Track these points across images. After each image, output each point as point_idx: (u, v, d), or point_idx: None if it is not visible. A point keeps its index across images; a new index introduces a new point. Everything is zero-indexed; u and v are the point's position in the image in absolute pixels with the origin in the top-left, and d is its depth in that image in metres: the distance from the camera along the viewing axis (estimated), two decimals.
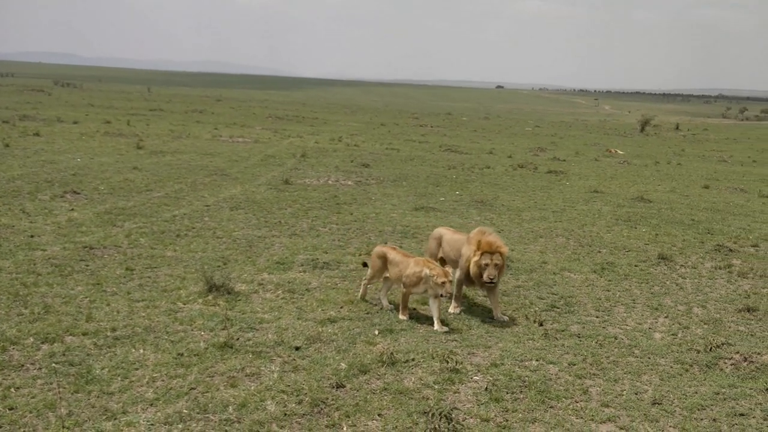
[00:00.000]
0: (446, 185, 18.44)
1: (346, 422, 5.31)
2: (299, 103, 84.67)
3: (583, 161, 28.47)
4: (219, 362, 6.29)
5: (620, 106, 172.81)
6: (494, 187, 18.70)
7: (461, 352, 6.85)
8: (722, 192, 20.49)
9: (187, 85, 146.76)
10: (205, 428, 5.13)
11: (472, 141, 36.68)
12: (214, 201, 14.18)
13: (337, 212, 13.72)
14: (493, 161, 25.55)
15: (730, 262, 11.12)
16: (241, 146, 25.79)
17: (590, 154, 32.06)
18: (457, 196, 16.73)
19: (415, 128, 45.48)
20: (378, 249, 8.33)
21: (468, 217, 14.03)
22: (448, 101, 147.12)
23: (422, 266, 7.68)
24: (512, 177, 21.18)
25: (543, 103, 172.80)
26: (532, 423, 5.45)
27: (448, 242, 8.73)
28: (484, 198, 16.28)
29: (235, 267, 9.45)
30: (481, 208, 15.06)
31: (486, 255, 7.79)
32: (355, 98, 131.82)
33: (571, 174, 22.93)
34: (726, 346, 7.22)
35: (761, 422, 5.64)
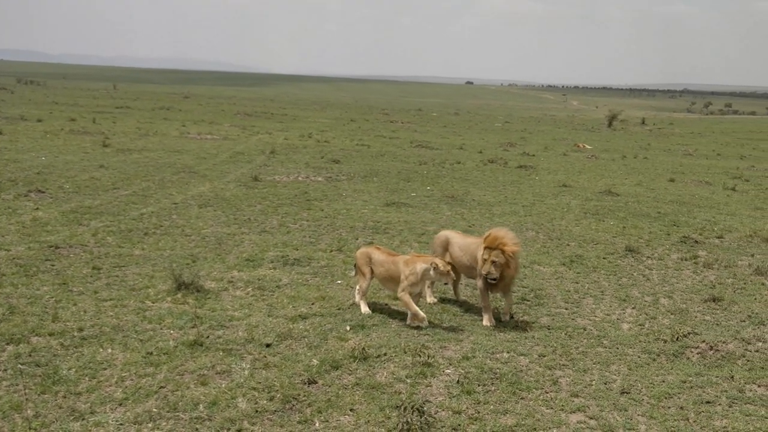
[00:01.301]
0: (417, 181, 18.47)
1: (319, 418, 5.30)
2: (268, 99, 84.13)
3: (552, 156, 28.73)
4: (189, 360, 6.23)
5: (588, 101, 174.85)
6: (465, 182, 18.79)
7: (433, 345, 6.87)
8: (688, 185, 20.84)
9: (153, 82, 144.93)
10: (176, 427, 5.08)
11: (443, 136, 36.79)
12: (183, 199, 14.02)
13: (307, 209, 13.67)
14: (463, 157, 25.66)
15: (696, 253, 11.32)
16: (210, 143, 25.55)
17: (559, 149, 32.36)
18: (428, 191, 16.77)
19: (386, 124, 45.48)
20: (361, 250, 8.06)
21: (439, 212, 14.08)
22: (418, 97, 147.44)
23: (415, 262, 7.38)
24: (483, 172, 21.30)
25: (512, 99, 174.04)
26: (503, 414, 5.49)
27: (460, 247, 8.23)
28: (455, 193, 16.35)
29: (204, 265, 9.36)
30: (452, 204, 15.12)
31: (486, 250, 7.53)
32: (325, 94, 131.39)
33: (540, 169, 23.13)
34: (692, 335, 7.35)
35: (727, 409, 5.75)
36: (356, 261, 8.00)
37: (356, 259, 8.02)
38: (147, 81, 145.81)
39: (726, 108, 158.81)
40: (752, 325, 7.90)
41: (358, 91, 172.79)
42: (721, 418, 5.58)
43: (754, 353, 6.98)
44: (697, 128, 64.94)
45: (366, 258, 7.85)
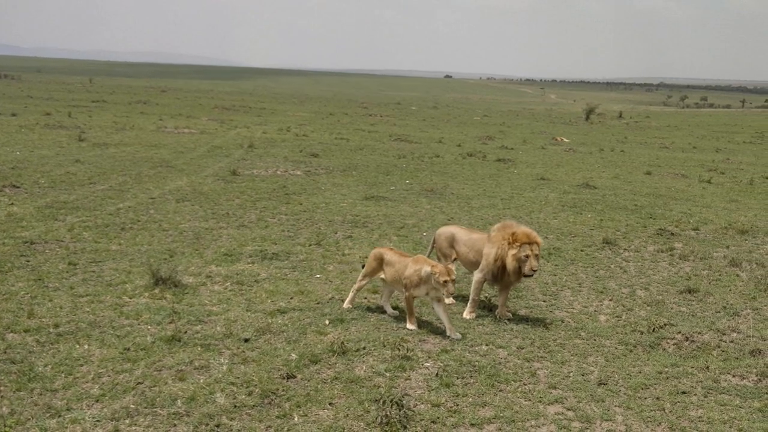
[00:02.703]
0: (396, 174, 18.47)
1: (297, 412, 5.29)
2: (246, 93, 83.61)
3: (531, 149, 28.88)
4: (167, 356, 6.18)
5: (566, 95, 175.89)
6: (444, 175, 18.82)
7: (412, 339, 6.88)
8: (664, 178, 21.05)
9: (130, 75, 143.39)
10: (153, 423, 5.04)
11: (422, 130, 36.81)
12: (160, 193, 13.90)
13: (286, 203, 13.61)
14: (442, 150, 25.70)
15: (672, 245, 11.44)
16: (187, 137, 25.33)
17: (537, 143, 32.54)
18: (408, 185, 16.78)
19: (365, 118, 45.41)
20: (374, 251, 7.81)
21: (418, 205, 14.09)
22: (397, 90, 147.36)
23: (422, 265, 7.17)
24: (462, 165, 21.35)
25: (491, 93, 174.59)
26: (482, 407, 5.52)
27: (465, 243, 8.21)
28: (434, 186, 16.37)
29: (182, 260, 9.29)
30: (431, 197, 15.14)
31: (525, 246, 7.49)
32: (304, 88, 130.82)
33: (518, 162, 23.24)
34: (668, 326, 7.43)
35: (702, 399, 5.83)
36: (369, 260, 7.75)
37: (370, 257, 7.78)
38: (123, 75, 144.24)
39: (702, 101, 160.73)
40: (727, 316, 8.01)
41: (336, 84, 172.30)
42: (696, 408, 5.65)
43: (728, 344, 7.08)
44: (673, 121, 65.65)
45: (379, 258, 7.60)
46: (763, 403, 5.74)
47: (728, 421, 5.44)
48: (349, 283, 8.59)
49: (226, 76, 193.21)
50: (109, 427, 4.95)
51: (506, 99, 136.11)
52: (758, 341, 7.11)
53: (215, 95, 68.93)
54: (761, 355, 6.76)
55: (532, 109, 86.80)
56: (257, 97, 71.98)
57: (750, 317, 7.97)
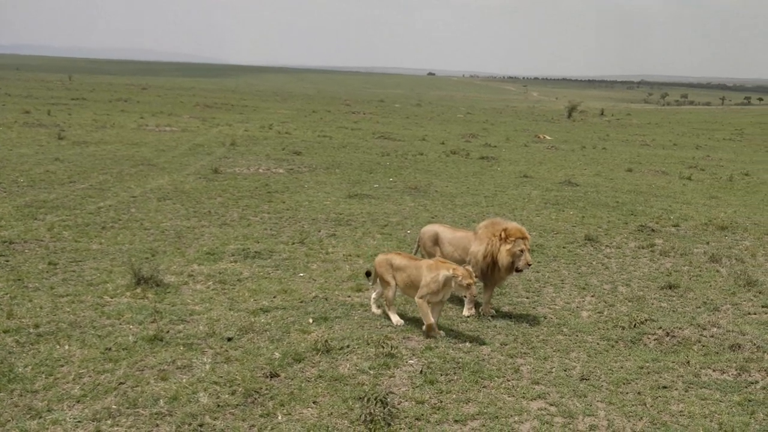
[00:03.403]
0: (380, 172, 18.47)
1: (281, 411, 5.27)
2: (228, 90, 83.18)
3: (514, 147, 28.99)
4: (149, 356, 6.14)
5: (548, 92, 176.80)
6: (427, 173, 18.84)
7: (396, 337, 6.89)
8: (645, 175, 21.22)
9: (110, 72, 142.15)
10: (136, 423, 5.00)
11: (405, 128, 36.83)
12: (141, 192, 13.79)
13: (268, 201, 13.56)
14: (426, 148, 25.72)
15: (653, 241, 11.54)
16: (169, 135, 25.15)
17: (520, 140, 32.67)
18: (391, 182, 16.78)
19: (348, 115, 45.35)
20: (380, 257, 7.54)
21: (402, 203, 14.10)
22: (380, 88, 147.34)
23: (439, 268, 6.96)
24: (445, 163, 21.39)
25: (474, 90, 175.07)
26: (465, 403, 5.53)
27: (449, 242, 8.18)
28: (418, 184, 16.39)
29: (163, 259, 9.22)
30: (414, 195, 15.15)
31: (519, 241, 7.55)
32: (286, 85, 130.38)
33: (502, 160, 23.33)
34: (649, 322, 7.49)
35: (683, 393, 5.89)
36: (376, 269, 7.48)
37: (375, 267, 7.50)
38: (103, 72, 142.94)
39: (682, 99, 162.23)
40: (707, 311, 8.09)
41: (319, 82, 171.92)
42: (677, 403, 5.71)
43: (709, 338, 7.16)
44: (654, 119, 66.20)
45: (387, 265, 7.35)
46: (742, 397, 5.81)
47: (708, 415, 5.50)
48: (333, 282, 8.60)
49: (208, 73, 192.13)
50: (91, 427, 4.91)
51: (489, 96, 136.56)
52: (738, 336, 7.19)
53: (197, 93, 68.50)
54: (741, 349, 6.84)
55: (515, 107, 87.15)
56: (239, 94, 71.65)
57: (730, 312, 8.06)
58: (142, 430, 4.92)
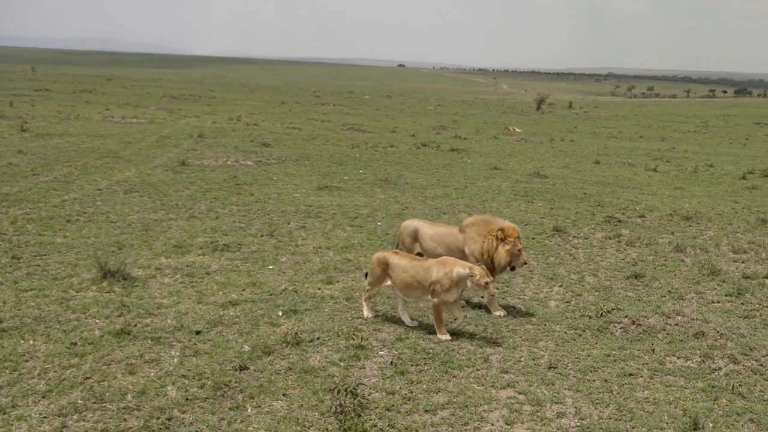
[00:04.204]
0: (350, 164, 18.43)
1: (251, 404, 5.24)
2: (196, 81, 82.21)
3: (484, 139, 29.14)
4: (116, 350, 6.06)
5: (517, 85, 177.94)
6: (398, 165, 18.85)
7: (367, 328, 6.89)
8: (612, 166, 21.49)
9: (75, 63, 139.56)
10: (103, 418, 4.94)
11: (375, 119, 36.79)
12: (107, 184, 13.58)
13: (237, 193, 13.45)
14: (396, 140, 25.73)
15: (619, 232, 11.70)
16: (135, 127, 24.79)
17: (490, 132, 32.85)
18: (361, 174, 16.76)
19: (317, 107, 45.16)
20: (377, 255, 7.28)
21: (372, 195, 14.09)
22: (349, 79, 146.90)
23: (453, 266, 6.73)
24: (415, 155, 21.42)
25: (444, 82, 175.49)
26: (436, 393, 5.56)
27: (430, 237, 8.00)
28: (389, 176, 16.39)
29: (130, 252, 9.10)
30: (385, 187, 15.15)
31: (517, 240, 7.54)
32: (255, 76, 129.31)
33: (472, 152, 23.43)
34: (615, 311, 7.60)
35: (648, 381, 5.99)
36: (371, 264, 7.27)
37: (371, 262, 7.29)
38: (68, 63, 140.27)
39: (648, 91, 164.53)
40: (672, 300, 8.23)
41: (288, 73, 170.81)
42: (642, 390, 5.80)
43: (673, 327, 7.28)
44: (621, 111, 67.05)
45: (383, 264, 7.10)
46: (706, 384, 5.93)
47: (673, 401, 5.60)
48: (303, 274, 8.57)
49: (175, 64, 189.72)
50: (57, 423, 4.84)
51: (459, 89, 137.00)
52: (702, 324, 7.33)
53: (164, 84, 67.57)
54: (704, 337, 6.97)
55: (485, 99, 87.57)
56: (207, 85, 70.85)
57: (694, 301, 8.22)
58: (110, 425, 4.85)
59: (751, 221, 12.99)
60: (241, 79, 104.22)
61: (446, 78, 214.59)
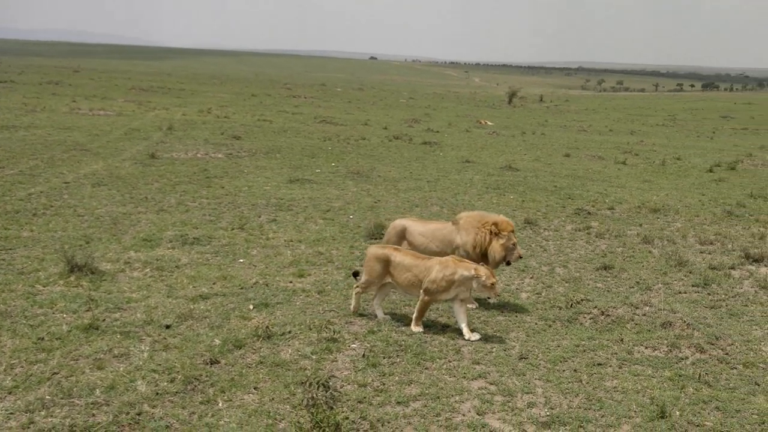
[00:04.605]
0: (322, 157, 18.36)
1: (222, 398, 5.21)
2: (165, 73, 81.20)
3: (456, 132, 29.23)
4: (84, 345, 5.97)
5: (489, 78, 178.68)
6: (370, 158, 18.83)
7: (339, 321, 6.88)
8: (582, 160, 21.71)
9: (40, 54, 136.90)
10: (71, 413, 4.87)
11: (347, 112, 36.69)
12: (74, 177, 13.36)
13: (207, 186, 13.33)
14: (368, 133, 25.70)
15: (589, 224, 11.83)
16: (103, 119, 24.42)
17: (462, 126, 32.96)
18: (333, 167, 16.71)
19: (288, 99, 44.91)
20: (374, 250, 7.06)
21: (345, 188, 14.06)
22: (321, 72, 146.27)
23: (456, 267, 6.62)
24: (388, 148, 21.40)
25: (416, 75, 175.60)
26: (408, 385, 5.58)
27: (422, 234, 7.82)
28: (361, 169, 16.36)
29: (98, 246, 8.97)
30: (357, 180, 15.13)
31: (511, 234, 7.51)
32: (225, 68, 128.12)
33: (444, 145, 23.48)
34: (585, 302, 7.69)
35: (617, 370, 6.07)
36: (368, 259, 7.01)
37: (368, 257, 7.03)
38: (33, 54, 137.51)
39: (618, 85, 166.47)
40: (640, 290, 8.35)
41: (259, 65, 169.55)
42: (611, 379, 5.88)
43: (641, 317, 7.39)
44: (591, 105, 67.74)
45: (383, 261, 6.91)
46: (673, 373, 6.03)
47: (641, 390, 5.69)
48: (274, 267, 8.53)
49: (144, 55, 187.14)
50: (24, 419, 4.76)
51: (431, 81, 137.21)
52: (669, 314, 7.45)
53: (132, 76, 66.62)
54: (671, 327, 7.09)
55: (457, 92, 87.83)
56: (176, 77, 70.00)
57: (661, 291, 8.35)
58: (78, 421, 4.78)
59: (717, 213, 13.23)
60: (211, 71, 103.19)
61: (418, 71, 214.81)
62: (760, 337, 6.98)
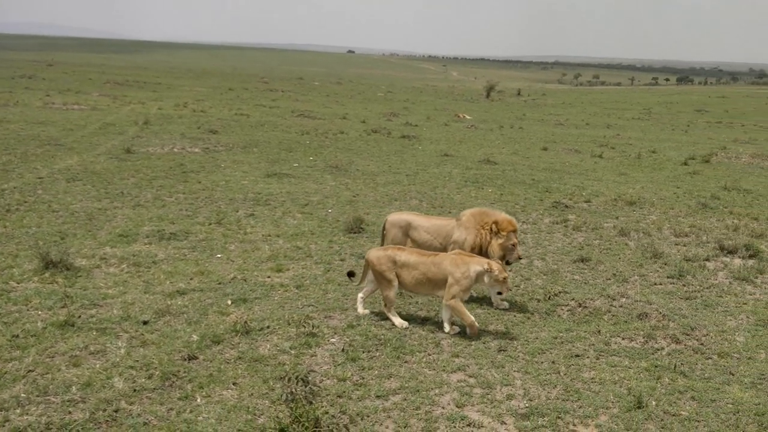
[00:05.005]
0: (300, 151, 18.28)
1: (200, 393, 5.18)
2: (140, 67, 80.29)
3: (434, 126, 29.25)
4: (59, 342, 5.90)
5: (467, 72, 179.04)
6: (348, 152, 18.78)
7: (318, 316, 6.86)
8: (559, 153, 21.85)
9: (13, 48, 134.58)
10: (47, 411, 4.81)
11: (325, 106, 36.57)
12: (48, 173, 13.17)
13: (184, 181, 13.21)
14: (346, 126, 25.63)
15: (566, 217, 11.91)
16: (77, 114, 24.09)
17: (440, 119, 33.00)
18: (311, 161, 16.64)
19: (266, 93, 44.64)
20: (379, 253, 6.89)
21: (323, 182, 14.01)
22: (298, 65, 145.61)
23: (469, 263, 6.53)
24: (366, 142, 21.37)
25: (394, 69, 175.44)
26: (387, 378, 5.58)
27: (426, 230, 7.74)
28: (339, 163, 16.31)
29: (74, 242, 8.86)
30: (335, 174, 15.09)
31: (512, 234, 7.42)
32: (201, 62, 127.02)
33: (422, 138, 23.49)
34: (563, 294, 7.76)
35: (594, 361, 6.13)
36: (373, 266, 6.83)
37: (372, 264, 6.84)
38: (5, 48, 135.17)
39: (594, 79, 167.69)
40: (617, 282, 8.44)
41: (235, 58, 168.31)
42: (589, 370, 5.94)
43: (618, 308, 7.47)
44: (567, 99, 68.17)
45: (389, 262, 6.76)
46: (649, 363, 6.10)
47: (618, 381, 5.75)
48: (252, 262, 8.48)
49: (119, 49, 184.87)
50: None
51: (409, 75, 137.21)
52: (645, 305, 7.54)
53: (107, 70, 65.74)
54: (648, 318, 7.17)
55: (435, 86, 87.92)
56: (152, 71, 69.26)
57: (637, 283, 8.44)
58: (54, 419, 4.73)
59: (692, 205, 13.39)
60: (186, 65, 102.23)
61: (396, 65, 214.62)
62: (735, 327, 7.09)
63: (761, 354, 6.45)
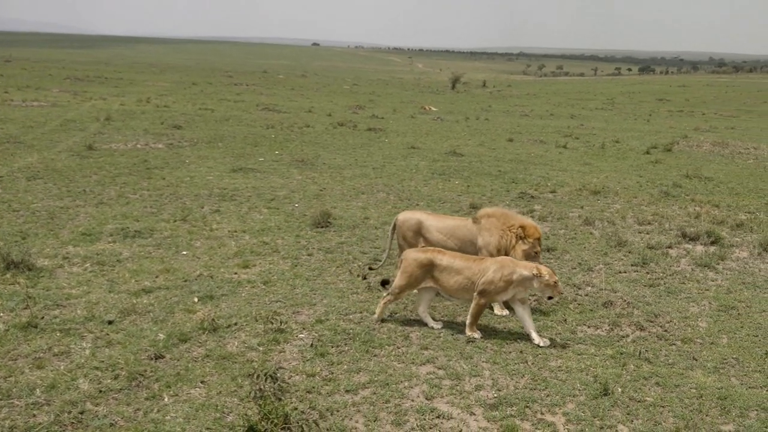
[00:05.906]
0: (265, 145, 18.14)
1: (167, 392, 5.12)
2: (101, 62, 78.84)
3: (401, 118, 29.27)
4: (22, 344, 5.79)
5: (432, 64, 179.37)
6: (315, 145, 18.70)
7: (286, 312, 6.83)
8: (524, 144, 22.02)
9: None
10: (10, 414, 4.72)
11: (291, 99, 36.34)
12: (8, 171, 12.88)
13: (148, 177, 13.03)
14: (312, 120, 25.50)
15: (533, 207, 12.03)
16: (37, 111, 23.57)
17: (407, 112, 33.02)
18: (277, 155, 16.53)
19: (230, 87, 44.17)
20: (415, 255, 6.65)
21: (289, 176, 13.93)
22: (263, 59, 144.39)
23: (514, 267, 6.39)
24: (332, 135, 21.29)
25: (359, 61, 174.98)
26: (356, 373, 5.59)
27: (439, 230, 7.52)
28: (305, 157, 16.24)
29: (35, 241, 8.68)
30: (302, 167, 15.01)
31: (536, 242, 7.23)
32: (164, 56, 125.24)
33: (389, 131, 23.48)
34: None
35: (561, 350, 6.21)
36: (407, 268, 6.58)
37: (408, 264, 6.59)
38: None
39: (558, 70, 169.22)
40: (582, 271, 8.55)
41: (198, 52, 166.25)
42: (556, 359, 6.02)
43: (584, 297, 7.58)
44: (532, 89, 68.71)
45: (428, 265, 6.55)
46: (615, 350, 6.20)
47: (585, 368, 5.84)
48: (218, 259, 8.41)
49: (79, 44, 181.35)
50: None
51: (375, 67, 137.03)
52: (610, 294, 7.65)
53: (67, 65, 64.43)
54: (612, 306, 7.29)
55: (401, 78, 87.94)
56: (113, 66, 68.04)
57: (602, 272, 8.56)
58: (18, 422, 4.64)
59: (654, 194, 13.62)
60: (148, 60, 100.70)
61: (361, 57, 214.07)
62: (697, 313, 7.24)
63: (723, 339, 6.61)
